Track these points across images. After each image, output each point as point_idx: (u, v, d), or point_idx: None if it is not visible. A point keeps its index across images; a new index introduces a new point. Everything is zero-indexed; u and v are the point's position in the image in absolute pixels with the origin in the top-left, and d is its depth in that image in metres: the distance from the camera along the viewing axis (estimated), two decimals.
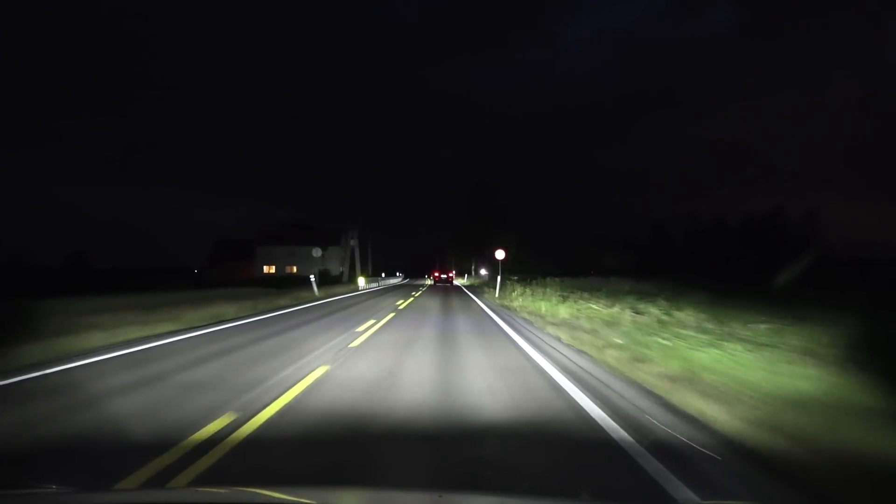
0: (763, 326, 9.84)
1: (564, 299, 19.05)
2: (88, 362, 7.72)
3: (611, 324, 11.70)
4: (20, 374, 6.74)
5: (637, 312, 12.91)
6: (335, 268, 76.87)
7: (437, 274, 67.74)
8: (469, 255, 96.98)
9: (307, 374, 6.86)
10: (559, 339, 10.45)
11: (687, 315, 11.92)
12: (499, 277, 28.30)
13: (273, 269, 76.28)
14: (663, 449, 3.96)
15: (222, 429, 4.43)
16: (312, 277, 26.67)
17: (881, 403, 4.75)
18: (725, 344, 7.74)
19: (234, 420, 4.71)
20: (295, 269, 75.29)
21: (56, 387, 6.19)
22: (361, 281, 35.54)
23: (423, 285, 63.05)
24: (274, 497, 1.94)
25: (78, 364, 7.54)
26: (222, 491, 2.31)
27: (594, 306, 15.55)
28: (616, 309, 14.08)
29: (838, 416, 4.42)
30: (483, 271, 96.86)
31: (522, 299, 22.15)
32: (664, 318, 11.79)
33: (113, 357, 8.20)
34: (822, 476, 3.41)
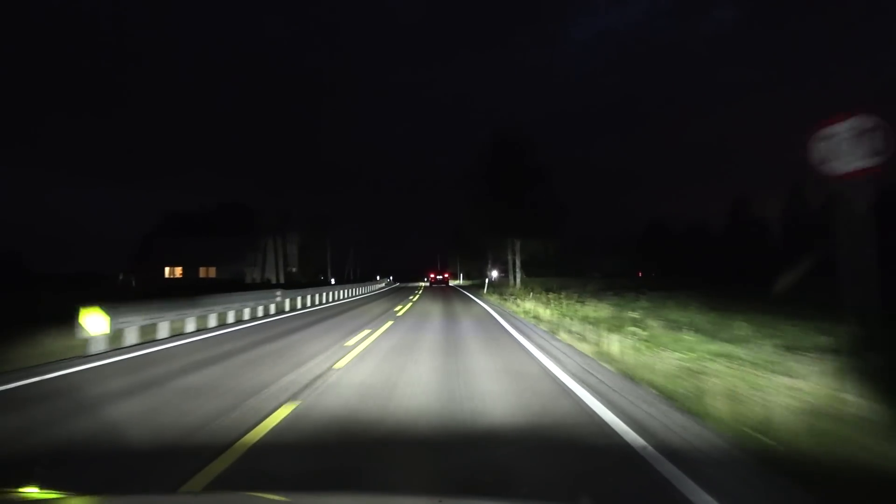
0: None
1: None
2: None
3: None
4: None
5: None
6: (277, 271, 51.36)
7: (432, 275, 67.10)
8: (473, 253, 70.52)
9: None
10: None
11: None
12: None
13: (180, 272, 50.25)
14: None
15: None
16: None
17: None
18: None
19: None
20: (213, 270, 49.54)
21: None
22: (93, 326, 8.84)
23: (417, 288, 41.67)
24: (277, 501, 1.90)
25: None
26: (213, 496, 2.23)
27: None
28: None
29: None
30: (494, 273, 70.18)
31: None
32: None
33: None
34: None
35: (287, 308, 17.98)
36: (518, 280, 38.28)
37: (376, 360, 7.34)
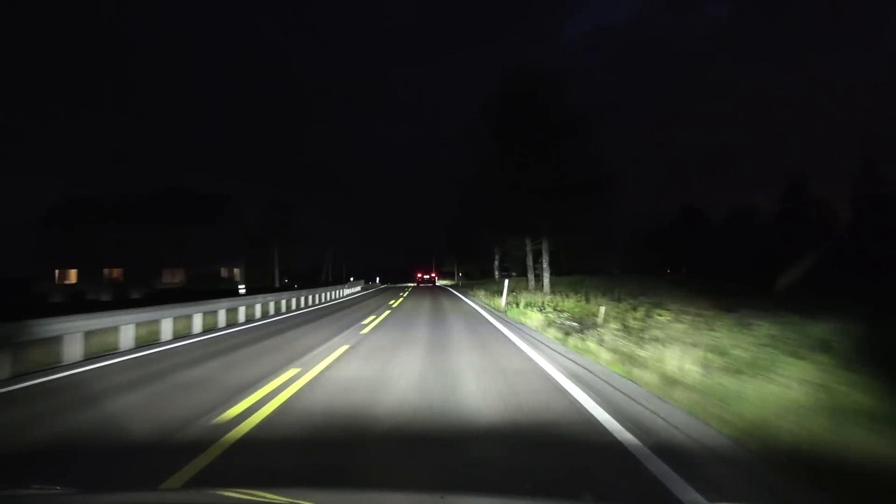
0: None
1: None
2: None
3: None
4: None
5: None
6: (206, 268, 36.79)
7: (419, 275, 67.85)
8: (474, 249, 57.73)
9: None
10: None
11: None
12: None
13: (75, 277, 37.09)
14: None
15: None
16: None
17: None
18: None
19: None
20: (119, 272, 36.28)
21: None
22: None
23: (402, 291, 33.87)
24: (274, 499, 1.83)
25: None
26: (223, 493, 2.10)
27: None
28: None
29: None
30: (498, 272, 57.45)
31: None
32: None
33: None
34: None
35: None
36: (547, 282, 25.41)
37: None
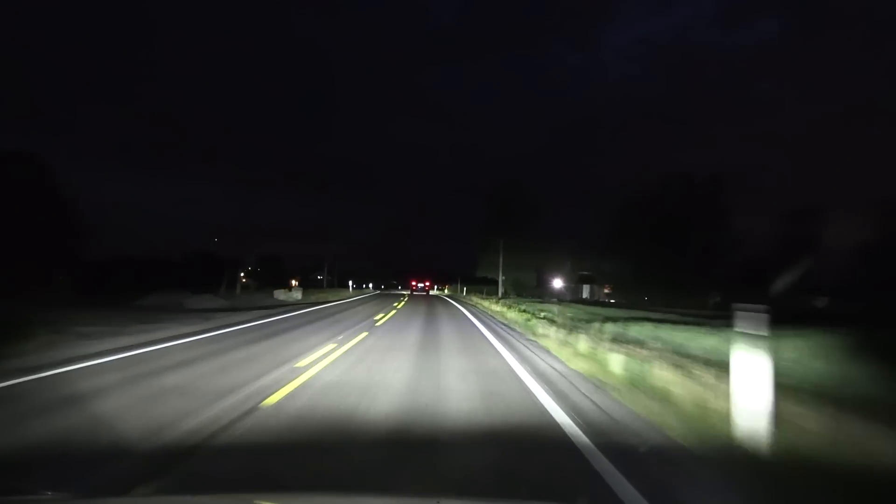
0: None
1: None
2: None
3: None
4: None
5: None
6: None
7: (413, 283, 66.17)
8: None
9: None
10: None
11: None
12: None
13: None
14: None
15: None
16: None
17: None
18: None
19: None
20: None
21: None
22: None
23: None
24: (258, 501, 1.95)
25: None
26: (222, 498, 2.14)
27: None
28: None
29: None
30: (558, 283, 49.34)
31: None
32: None
33: None
34: None
35: None
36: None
37: None
